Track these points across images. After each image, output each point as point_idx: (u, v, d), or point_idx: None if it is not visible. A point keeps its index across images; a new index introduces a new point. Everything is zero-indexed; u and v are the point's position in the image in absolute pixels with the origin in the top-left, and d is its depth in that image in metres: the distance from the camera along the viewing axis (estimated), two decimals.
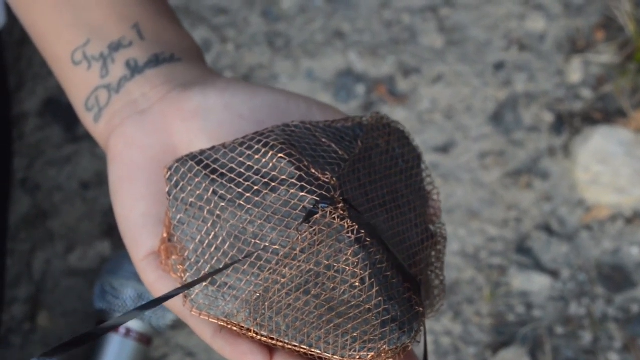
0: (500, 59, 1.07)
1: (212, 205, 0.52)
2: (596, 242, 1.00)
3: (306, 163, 0.51)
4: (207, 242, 0.52)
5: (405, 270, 0.52)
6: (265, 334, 0.51)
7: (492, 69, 1.06)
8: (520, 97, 1.06)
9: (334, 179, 0.51)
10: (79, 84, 0.58)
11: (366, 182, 0.54)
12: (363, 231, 0.50)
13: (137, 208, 0.55)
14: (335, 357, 0.50)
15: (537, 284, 0.99)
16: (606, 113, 1.05)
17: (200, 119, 0.55)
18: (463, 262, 0.99)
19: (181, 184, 0.53)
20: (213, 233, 0.52)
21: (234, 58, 1.06)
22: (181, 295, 0.52)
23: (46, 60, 0.60)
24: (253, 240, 0.51)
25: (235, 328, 0.52)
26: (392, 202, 0.55)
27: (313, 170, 0.51)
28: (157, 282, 0.54)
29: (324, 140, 0.53)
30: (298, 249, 0.50)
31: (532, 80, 1.06)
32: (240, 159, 0.52)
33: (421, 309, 0.52)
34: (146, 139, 0.55)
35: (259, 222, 0.51)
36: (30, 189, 0.99)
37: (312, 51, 1.06)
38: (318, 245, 0.50)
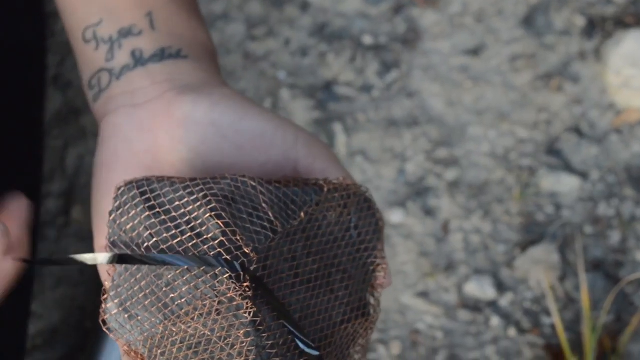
0: None
1: (141, 240, 0.53)
2: (626, 145, 1.01)
3: (234, 229, 0.52)
4: (130, 271, 0.54)
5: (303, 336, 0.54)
6: None
7: None
8: (552, 0, 1.05)
9: (254, 252, 0.52)
10: (86, 61, 0.59)
11: (298, 255, 0.55)
12: (259, 317, 0.52)
13: (108, 197, 0.56)
14: None
15: (567, 185, 0.99)
16: (638, 17, 1.04)
17: (185, 131, 0.56)
18: (493, 162, 1.00)
19: (121, 209, 0.54)
20: (136, 266, 0.54)
21: None
22: (101, 314, 0.55)
23: (65, 30, 0.61)
24: (165, 288, 0.53)
25: (139, 358, 0.54)
26: (323, 277, 0.56)
27: (238, 238, 0.52)
28: (106, 271, 0.56)
29: (264, 205, 0.54)
30: (197, 312, 0.52)
31: None
32: (179, 203, 0.53)
33: None
34: (132, 133, 0.56)
35: (175, 272, 0.53)
36: (62, 86, 0.99)
37: None
38: (216, 314, 0.52)
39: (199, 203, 0.53)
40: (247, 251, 0.52)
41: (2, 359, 0.73)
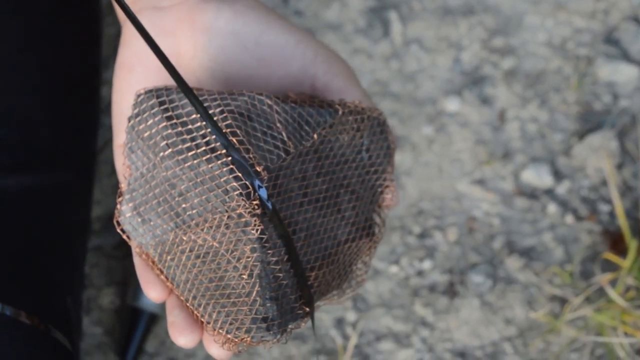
0: None
1: (157, 149, 0.54)
2: None
3: (247, 146, 0.52)
4: (145, 178, 0.55)
5: (303, 280, 0.55)
6: (165, 278, 0.56)
7: None
8: None
9: (265, 171, 0.52)
10: None
11: (308, 175, 0.55)
12: (266, 234, 0.53)
13: (128, 99, 0.56)
14: (208, 325, 0.55)
15: (625, 74, 0.98)
16: None
17: (207, 38, 0.55)
18: (550, 52, 0.99)
19: (140, 117, 0.55)
20: (151, 173, 0.54)
21: None
22: (116, 214, 0.56)
23: None
24: (177, 198, 0.54)
25: (150, 260, 0.56)
26: (332, 197, 0.56)
27: (251, 155, 0.52)
28: (123, 175, 0.57)
29: (278, 125, 0.54)
30: (207, 224, 0.53)
31: None
32: (196, 116, 0.54)
33: (307, 310, 0.56)
34: (155, 36, 0.56)
35: (188, 184, 0.53)
36: None
37: None
38: (225, 228, 0.53)
39: (215, 118, 0.53)
40: (259, 170, 0.52)
41: (71, 236, 0.74)
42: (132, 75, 0.57)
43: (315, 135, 0.55)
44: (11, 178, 0.68)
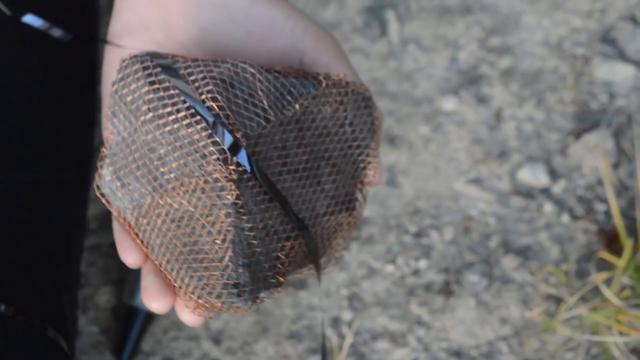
0: None
1: (139, 113, 0.54)
2: None
3: (227, 112, 0.53)
4: (126, 142, 0.55)
5: (287, 209, 0.55)
6: (140, 242, 0.56)
7: None
8: None
9: (244, 138, 0.53)
10: None
11: (288, 145, 0.55)
12: (241, 200, 0.53)
13: (116, 70, 0.57)
14: (180, 290, 0.55)
15: (621, 73, 0.98)
16: None
17: (197, 10, 0.56)
18: (546, 51, 0.99)
19: (123, 81, 0.55)
20: (132, 138, 0.55)
21: None
22: (96, 179, 0.57)
23: None
24: (156, 162, 0.54)
25: (127, 224, 0.56)
26: (312, 169, 0.57)
27: (230, 122, 0.53)
28: (106, 139, 0.57)
29: (260, 93, 0.54)
30: (184, 188, 0.53)
31: None
32: (179, 82, 0.54)
33: (281, 280, 0.56)
34: (145, 7, 0.57)
35: (167, 148, 0.54)
36: None
37: None
38: (201, 193, 0.53)
39: (197, 84, 0.53)
40: (238, 136, 0.52)
41: (68, 233, 0.74)
42: (124, 44, 0.57)
43: (297, 106, 0.55)
44: (9, 175, 0.69)
